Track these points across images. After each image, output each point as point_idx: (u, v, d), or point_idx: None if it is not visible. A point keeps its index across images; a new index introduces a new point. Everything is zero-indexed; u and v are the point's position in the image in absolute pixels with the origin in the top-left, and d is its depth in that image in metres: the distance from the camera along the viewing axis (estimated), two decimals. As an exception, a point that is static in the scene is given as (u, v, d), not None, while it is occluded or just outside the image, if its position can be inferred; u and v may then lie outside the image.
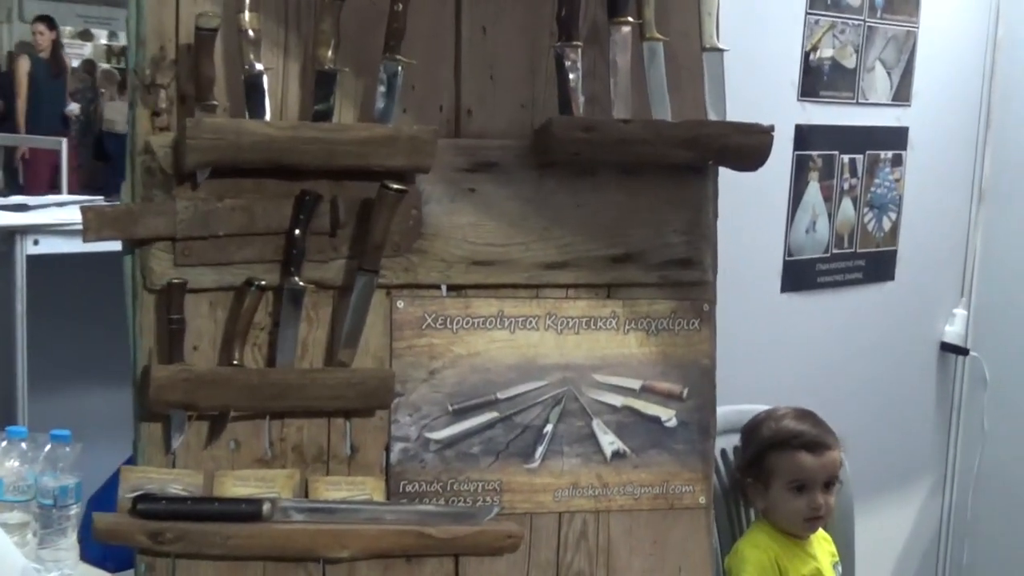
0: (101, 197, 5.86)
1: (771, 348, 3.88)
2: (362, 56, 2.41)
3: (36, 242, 4.72)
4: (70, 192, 7.88)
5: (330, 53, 2.34)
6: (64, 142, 9.34)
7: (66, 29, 18.03)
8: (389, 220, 2.36)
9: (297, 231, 2.34)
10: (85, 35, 18.47)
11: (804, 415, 3.18)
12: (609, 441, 2.59)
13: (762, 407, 3.27)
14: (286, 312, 2.36)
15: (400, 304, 2.46)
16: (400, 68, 2.38)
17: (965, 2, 4.39)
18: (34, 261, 4.71)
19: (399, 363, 2.46)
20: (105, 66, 15.20)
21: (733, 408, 3.24)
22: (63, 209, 5.11)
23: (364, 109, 2.42)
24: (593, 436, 2.58)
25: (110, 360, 2.59)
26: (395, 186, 2.33)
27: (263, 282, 2.33)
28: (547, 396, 2.56)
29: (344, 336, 2.39)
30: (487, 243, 2.50)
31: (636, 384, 2.61)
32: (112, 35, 16.85)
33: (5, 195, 6.60)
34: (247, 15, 2.28)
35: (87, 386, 4.93)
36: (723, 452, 3.36)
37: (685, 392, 2.64)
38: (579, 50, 2.49)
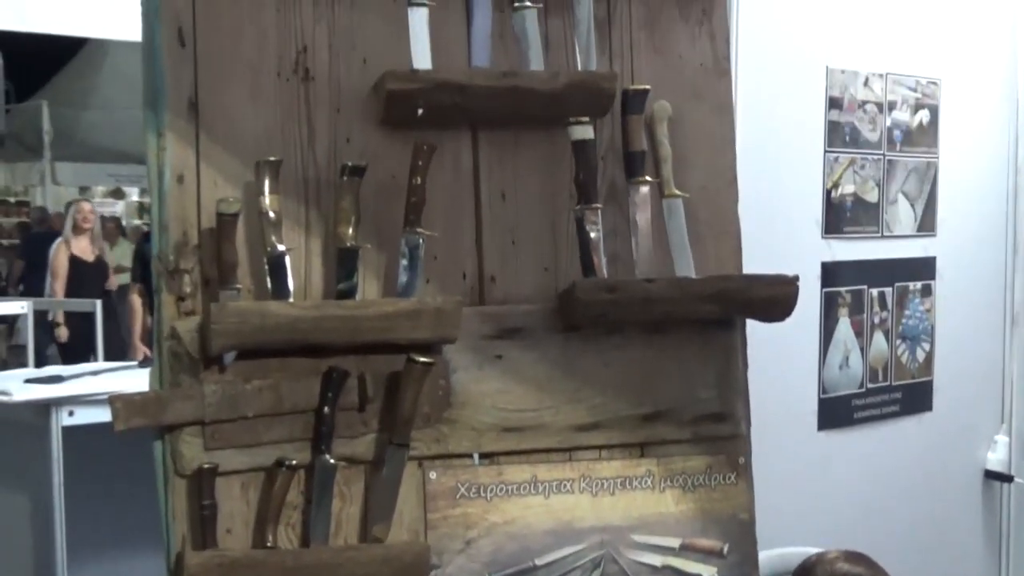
0: (135, 363, 5.90)
1: (812, 488, 3.83)
2: (383, 230, 2.43)
3: (71, 413, 4.74)
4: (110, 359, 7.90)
5: (351, 230, 2.36)
6: (99, 304, 9.39)
7: (98, 189, 18.35)
8: (417, 392, 2.35)
9: (326, 408, 2.33)
10: (117, 193, 18.79)
11: (857, 557, 3.11)
12: (651, 602, 2.55)
13: (807, 550, 3.21)
14: (318, 490, 2.35)
15: (433, 475, 2.45)
16: (421, 240, 2.40)
17: (984, 129, 4.39)
18: (69, 432, 4.72)
19: (434, 534, 2.44)
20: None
21: (775, 553, 3.18)
22: (97, 378, 5.13)
23: (387, 283, 2.43)
24: (635, 598, 2.54)
25: (148, 526, 2.58)
26: (422, 359, 2.33)
27: (294, 461, 2.33)
28: (586, 560, 2.52)
29: (377, 511, 2.38)
30: (517, 409, 2.49)
31: (675, 543, 2.57)
32: (144, 191, 17.08)
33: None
34: (267, 198, 2.31)
35: (125, 552, 4.91)
36: (768, 599, 3.30)
37: (726, 548, 2.60)
38: (599, 211, 2.51)
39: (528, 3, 2.50)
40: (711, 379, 2.61)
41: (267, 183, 2.31)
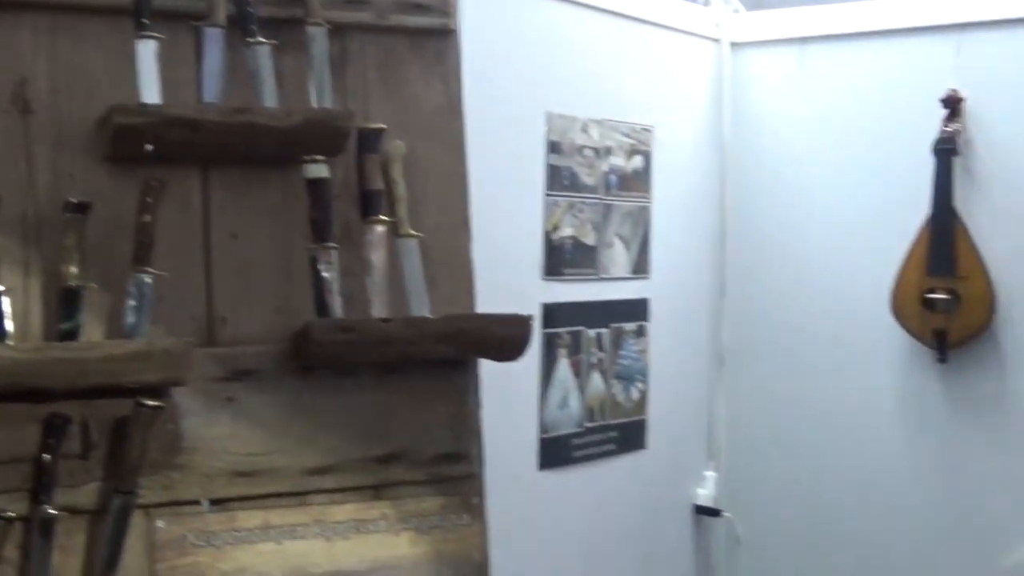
0: None
1: (534, 526, 3.86)
2: (109, 270, 2.33)
3: None
4: None
5: (74, 269, 2.26)
6: None
7: None
8: (145, 438, 2.26)
9: (46, 456, 2.21)
10: None
11: None
12: (385, 647, 2.51)
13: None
14: (37, 543, 2.21)
15: (160, 523, 2.35)
16: (149, 280, 2.31)
17: (693, 174, 4.55)
18: None
19: (162, 586, 2.34)
20: None
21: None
22: None
23: (113, 324, 2.33)
24: (369, 644, 2.51)
25: None
26: (150, 403, 2.24)
27: (11, 513, 2.19)
28: (320, 606, 2.47)
29: (102, 563, 2.26)
30: (249, 453, 2.42)
31: (411, 586, 2.55)
32: None
33: None
34: (-17, 234, 2.19)
35: None
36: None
37: (460, 590, 2.59)
38: (333, 251, 2.47)
39: (261, 39, 2.46)
40: (446, 419, 2.61)
41: (-17, 220, 2.19)
